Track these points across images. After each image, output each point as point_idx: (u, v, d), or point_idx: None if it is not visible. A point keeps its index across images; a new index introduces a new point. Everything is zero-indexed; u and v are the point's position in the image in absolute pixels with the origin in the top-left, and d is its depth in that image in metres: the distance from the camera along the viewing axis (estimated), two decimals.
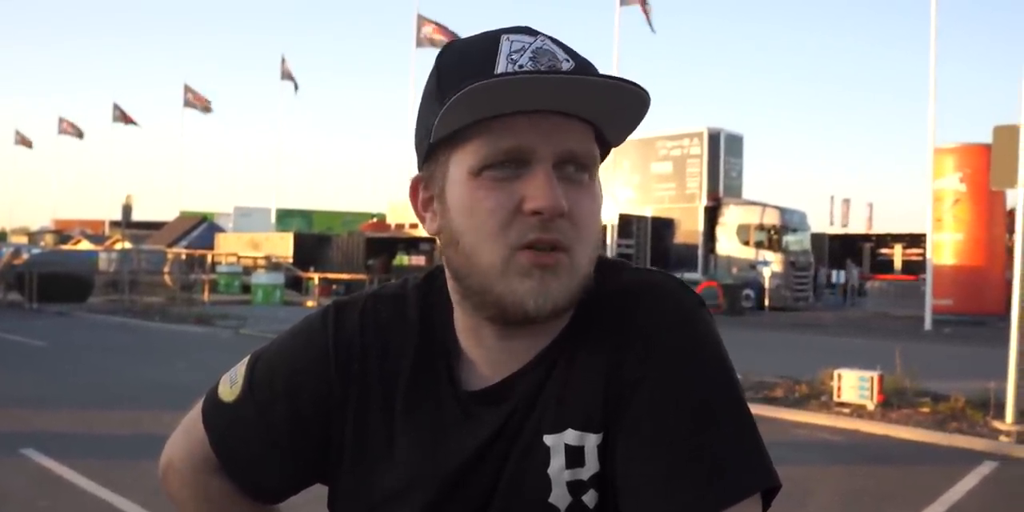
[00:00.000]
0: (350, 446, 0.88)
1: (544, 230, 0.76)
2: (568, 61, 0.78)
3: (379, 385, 0.87)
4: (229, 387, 0.92)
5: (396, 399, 0.86)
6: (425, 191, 0.85)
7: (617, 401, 0.78)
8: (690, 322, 0.80)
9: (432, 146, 0.80)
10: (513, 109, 0.75)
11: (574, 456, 0.79)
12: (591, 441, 0.79)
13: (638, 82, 0.74)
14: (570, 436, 0.79)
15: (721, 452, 0.73)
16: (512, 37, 0.78)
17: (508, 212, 0.76)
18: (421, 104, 0.83)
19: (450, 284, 0.85)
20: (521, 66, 0.76)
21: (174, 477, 0.96)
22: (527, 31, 0.80)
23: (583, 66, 0.79)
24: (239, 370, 0.93)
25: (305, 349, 0.91)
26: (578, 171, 0.79)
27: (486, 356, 0.85)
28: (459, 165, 0.79)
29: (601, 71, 0.79)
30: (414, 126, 0.84)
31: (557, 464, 0.79)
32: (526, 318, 0.78)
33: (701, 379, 0.77)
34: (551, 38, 0.80)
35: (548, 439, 0.79)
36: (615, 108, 0.77)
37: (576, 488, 0.79)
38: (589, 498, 0.78)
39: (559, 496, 0.78)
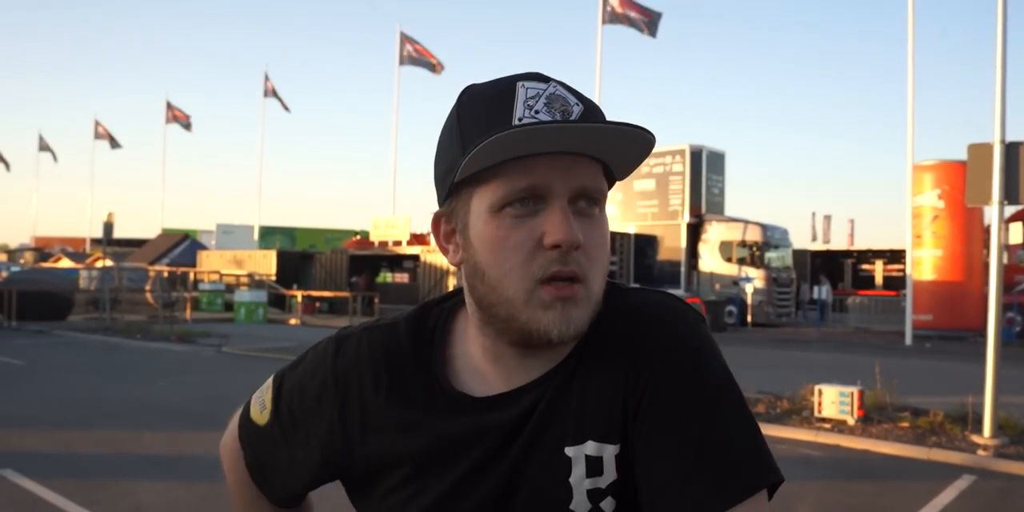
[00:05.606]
0: (361, 462, 0.95)
1: (563, 263, 0.83)
2: (578, 105, 0.85)
3: (379, 407, 0.94)
4: (260, 411, 1.03)
5: (398, 415, 0.93)
6: (447, 224, 0.92)
7: (635, 413, 0.85)
8: (695, 337, 0.89)
9: (455, 184, 0.86)
10: (532, 152, 0.82)
11: (594, 466, 0.86)
12: (609, 451, 0.86)
13: (644, 126, 0.81)
14: (590, 447, 0.86)
15: (731, 455, 0.82)
16: (527, 84, 0.85)
17: (530, 248, 0.83)
18: (441, 144, 0.91)
19: (472, 311, 0.92)
20: (537, 112, 0.83)
21: (226, 457, 1.09)
22: (539, 77, 0.86)
23: (591, 109, 0.86)
24: (267, 395, 1.03)
25: (312, 379, 0.99)
26: (589, 205, 0.86)
27: (502, 371, 0.91)
28: (481, 202, 0.85)
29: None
30: (434, 164, 0.92)
31: (578, 473, 0.86)
32: (550, 344, 0.85)
33: (709, 388, 0.85)
34: (561, 83, 0.87)
35: (569, 450, 0.86)
36: (623, 149, 0.84)
37: (595, 496, 0.86)
38: (607, 505, 0.86)
39: (579, 503, 0.86)
